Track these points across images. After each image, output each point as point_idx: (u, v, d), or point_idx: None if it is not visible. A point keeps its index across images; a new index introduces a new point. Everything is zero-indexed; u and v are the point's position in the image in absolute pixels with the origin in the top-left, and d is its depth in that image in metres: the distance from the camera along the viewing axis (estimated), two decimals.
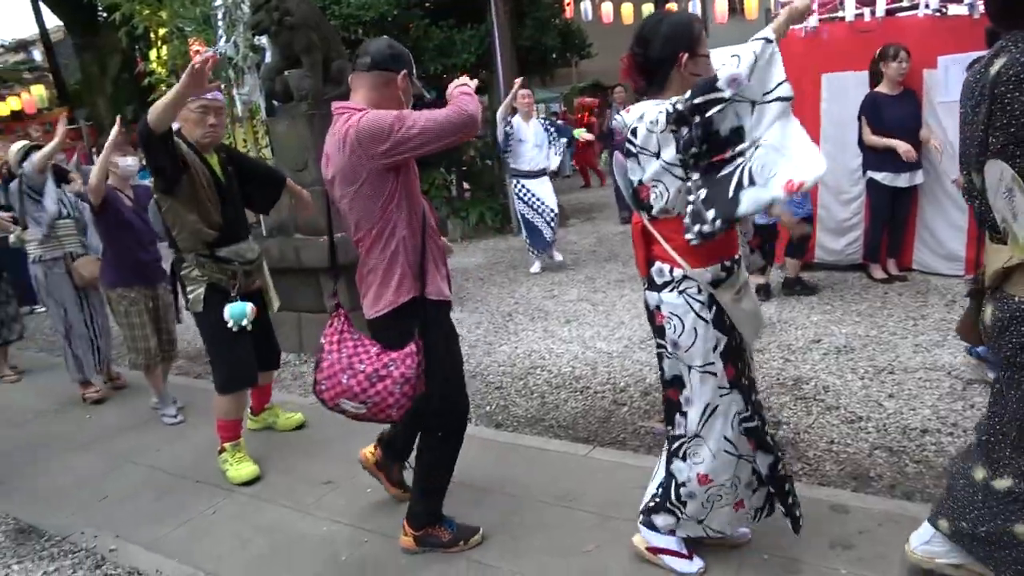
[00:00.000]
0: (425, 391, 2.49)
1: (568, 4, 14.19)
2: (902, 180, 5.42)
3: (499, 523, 2.87)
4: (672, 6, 15.40)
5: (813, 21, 5.90)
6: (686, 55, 2.07)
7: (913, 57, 5.27)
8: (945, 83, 5.29)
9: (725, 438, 2.21)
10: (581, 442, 3.58)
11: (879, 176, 5.45)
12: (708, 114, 1.92)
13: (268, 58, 6.14)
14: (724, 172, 1.94)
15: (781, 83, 1.89)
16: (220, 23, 6.51)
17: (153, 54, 7.98)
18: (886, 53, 5.30)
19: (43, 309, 8.07)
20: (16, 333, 5.87)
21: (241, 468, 3.52)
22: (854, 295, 5.37)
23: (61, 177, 5.26)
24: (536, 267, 7.39)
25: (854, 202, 5.85)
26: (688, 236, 2.00)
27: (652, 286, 2.26)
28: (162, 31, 7.63)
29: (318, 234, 5.14)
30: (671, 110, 1.97)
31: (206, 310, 3.41)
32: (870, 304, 5.12)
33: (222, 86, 4.63)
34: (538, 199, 7.20)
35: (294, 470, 3.60)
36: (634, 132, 2.09)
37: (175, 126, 3.32)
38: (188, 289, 3.43)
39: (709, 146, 1.96)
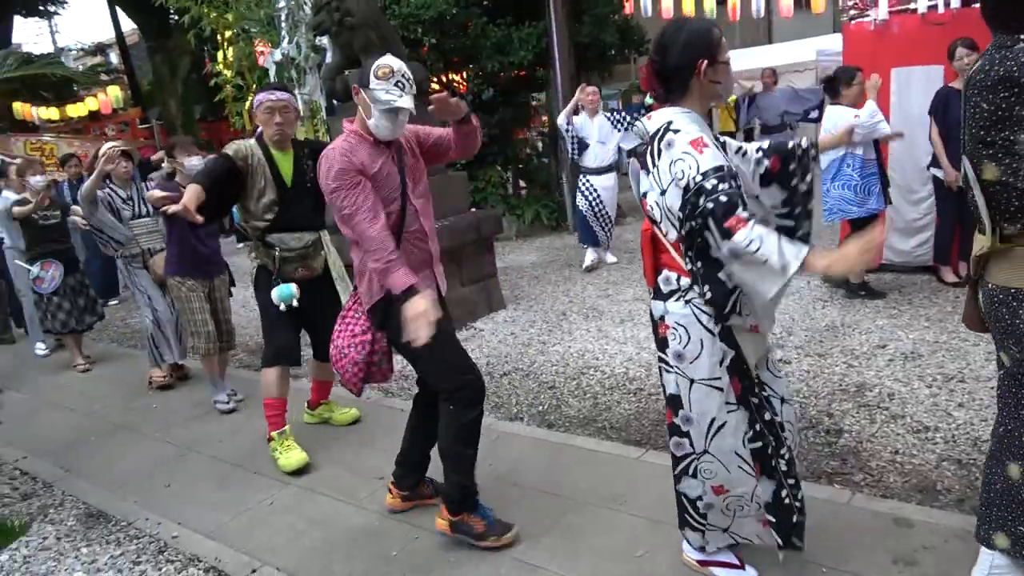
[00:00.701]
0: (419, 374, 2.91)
1: (628, 1, 14.05)
2: None
3: (549, 524, 2.87)
4: (735, 1, 15.11)
5: (883, 13, 5.69)
6: (705, 62, 2.03)
7: None
8: None
9: (737, 454, 2.14)
10: (633, 445, 3.53)
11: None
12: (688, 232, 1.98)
13: (329, 58, 6.26)
14: (721, 274, 1.98)
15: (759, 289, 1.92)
16: (283, 24, 6.67)
17: (220, 56, 8.22)
18: (959, 46, 5.07)
19: (116, 302, 8.45)
20: (85, 324, 6.10)
21: (290, 456, 3.65)
22: (923, 299, 5.17)
23: (147, 171, 5.49)
24: (588, 261, 7.35)
25: (924, 202, 5.63)
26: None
27: (658, 295, 2.19)
28: (228, 33, 7.85)
29: None
30: (695, 181, 1.90)
31: (256, 288, 3.78)
32: (940, 309, 4.91)
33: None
34: (600, 200, 7.20)
35: (348, 464, 3.66)
36: (658, 152, 2.03)
37: (259, 131, 3.69)
38: (251, 266, 3.85)
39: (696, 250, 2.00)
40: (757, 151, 2.26)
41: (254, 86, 7.57)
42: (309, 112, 6.70)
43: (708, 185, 1.87)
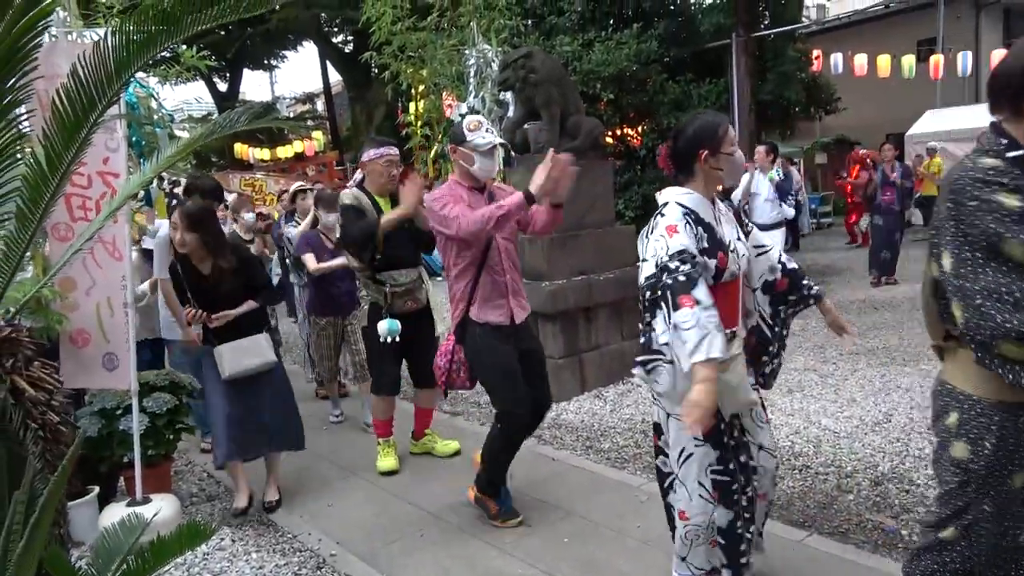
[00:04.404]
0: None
1: (817, 57, 13.57)
2: None
3: None
4: (937, 58, 14.14)
5: None
6: (706, 152, 2.35)
7: None
8: None
9: (699, 483, 2.38)
10: (796, 526, 3.30)
11: None
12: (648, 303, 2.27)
13: (511, 112, 6.56)
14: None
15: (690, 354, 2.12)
16: (471, 80, 7.09)
17: (412, 107, 8.87)
18: None
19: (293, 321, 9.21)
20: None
21: (385, 461, 4.25)
22: None
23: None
24: None
25: None
26: None
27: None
28: (421, 87, 8.46)
29: (537, 279, 5.33)
30: (663, 261, 2.21)
31: (369, 323, 4.11)
32: None
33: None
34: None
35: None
36: (651, 228, 2.35)
37: (358, 177, 4.16)
38: (360, 305, 4.30)
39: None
40: (779, 261, 2.61)
41: (440, 136, 8.08)
42: None
43: (672, 265, 2.18)
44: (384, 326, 3.93)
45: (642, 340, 2.40)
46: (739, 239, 2.48)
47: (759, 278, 2.60)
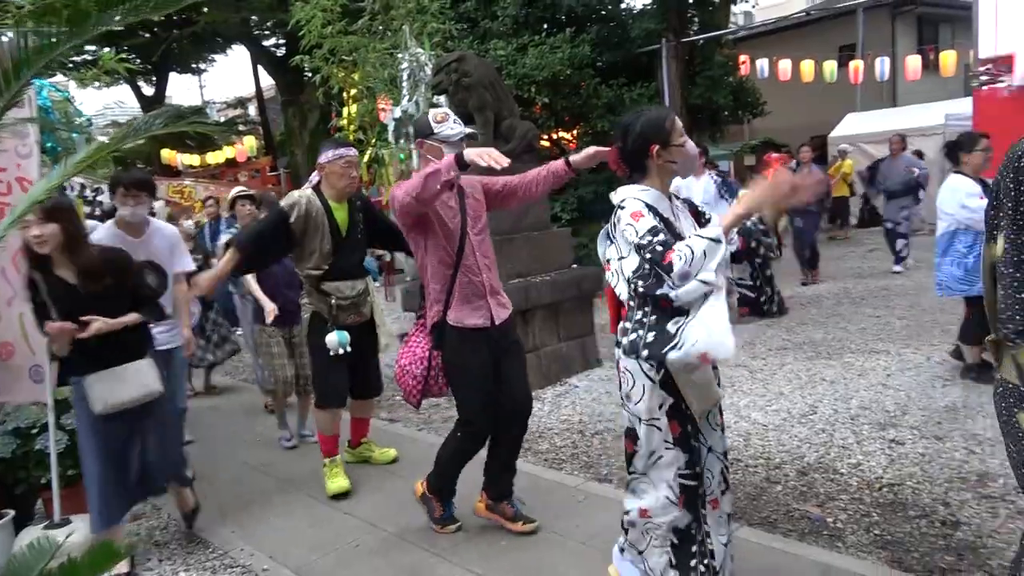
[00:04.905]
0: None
1: (744, 62, 13.99)
2: None
3: None
4: (857, 64, 14.73)
5: (1019, 79, 5.40)
6: (657, 147, 2.35)
7: None
8: None
9: (668, 484, 2.39)
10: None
11: None
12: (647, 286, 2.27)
13: None
14: (670, 329, 2.26)
15: (710, 269, 2.17)
16: (404, 84, 7.05)
17: (345, 112, 8.77)
18: None
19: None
20: (216, 357, 6.47)
21: (334, 481, 4.01)
22: None
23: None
24: None
25: None
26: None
27: (617, 343, 2.48)
28: (354, 91, 8.37)
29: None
30: (636, 242, 2.26)
31: (309, 334, 4.03)
32: None
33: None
34: None
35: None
36: (614, 225, 2.38)
37: (315, 180, 3.96)
38: (301, 313, 4.07)
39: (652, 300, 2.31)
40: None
41: (373, 140, 8.01)
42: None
43: (645, 242, 2.24)
44: (334, 339, 3.82)
45: (619, 334, 2.43)
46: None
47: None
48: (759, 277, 6.98)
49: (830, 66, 14.73)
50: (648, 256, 2.22)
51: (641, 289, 2.29)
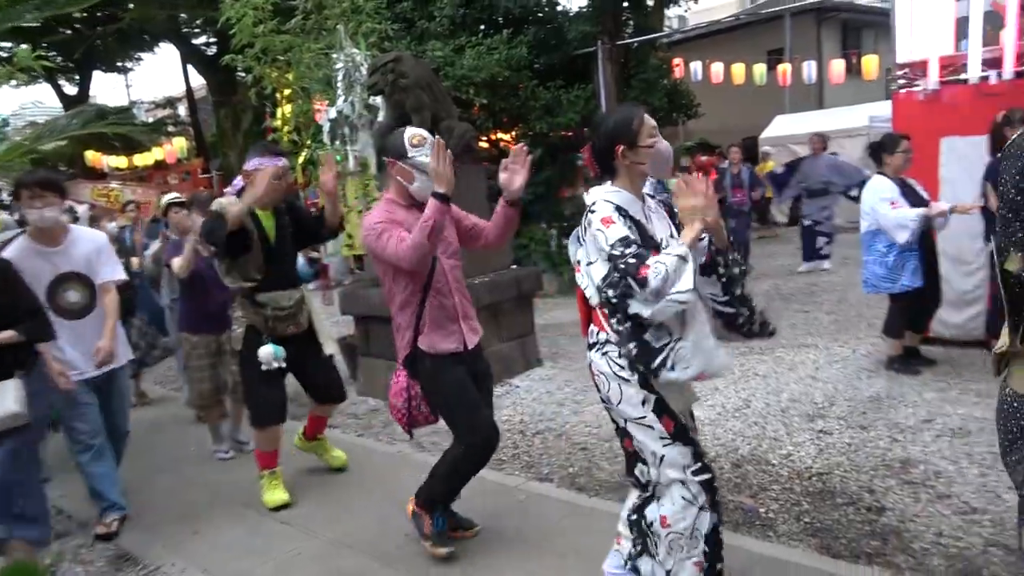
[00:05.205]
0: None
1: (677, 65, 14.27)
2: None
3: None
4: (785, 67, 15.20)
5: (933, 83, 5.66)
6: (622, 147, 2.30)
7: None
8: None
9: (682, 483, 2.31)
10: None
11: None
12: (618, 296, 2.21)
13: (381, 117, 6.48)
14: (650, 340, 2.22)
15: (682, 290, 2.13)
16: (340, 84, 6.93)
17: (279, 112, 8.57)
18: (1013, 117, 4.98)
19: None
20: (146, 360, 6.23)
21: (273, 494, 3.87)
22: (973, 373, 4.98)
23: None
24: None
25: (977, 273, 5.47)
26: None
27: (588, 346, 2.43)
28: (288, 92, 8.19)
29: None
30: (607, 251, 2.21)
31: (244, 348, 3.78)
32: (991, 384, 4.69)
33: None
34: None
35: (373, 518, 3.64)
36: (584, 229, 2.33)
37: (238, 186, 3.84)
38: (233, 327, 3.90)
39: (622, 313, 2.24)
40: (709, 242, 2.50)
41: (308, 142, 7.85)
42: (360, 168, 6.90)
43: (617, 252, 2.18)
44: (268, 351, 3.67)
45: (590, 337, 2.40)
46: (672, 236, 2.39)
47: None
48: (730, 294, 7.03)
49: (760, 69, 15.17)
50: (621, 267, 2.16)
51: (612, 299, 2.22)
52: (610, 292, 2.20)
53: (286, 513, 3.79)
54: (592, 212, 2.29)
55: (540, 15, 11.98)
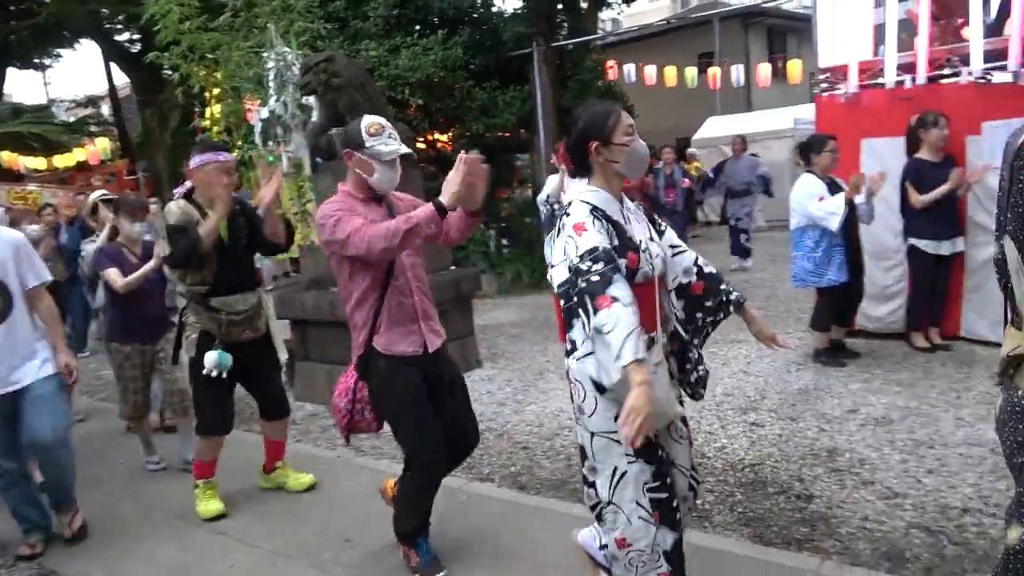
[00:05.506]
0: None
1: (611, 67, 14.47)
2: (944, 247, 5.32)
3: None
4: (715, 70, 15.60)
5: (853, 87, 5.90)
6: (596, 144, 2.18)
7: (954, 124, 5.22)
8: (989, 149, 5.24)
9: (638, 503, 2.18)
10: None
11: (921, 243, 5.36)
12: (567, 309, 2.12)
13: (315, 117, 6.37)
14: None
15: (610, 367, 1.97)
16: (271, 83, 6.80)
17: (208, 112, 8.36)
18: (926, 120, 5.26)
19: (86, 354, 8.34)
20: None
21: (208, 504, 3.74)
22: (894, 364, 5.22)
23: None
24: None
25: (896, 268, 5.73)
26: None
27: (566, 352, 2.30)
28: (216, 91, 8.00)
29: None
30: (574, 263, 2.06)
31: (197, 355, 3.61)
32: (911, 374, 4.96)
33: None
34: None
35: (315, 526, 3.58)
36: (558, 231, 2.19)
37: (186, 187, 3.63)
38: (186, 333, 3.69)
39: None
40: (694, 264, 2.41)
41: (240, 142, 7.67)
42: (293, 169, 6.78)
43: (583, 267, 2.01)
44: (213, 357, 3.50)
45: (567, 342, 2.26)
46: (652, 239, 2.30)
47: (673, 280, 2.39)
48: (695, 334, 6.95)
49: (691, 72, 15.50)
50: (581, 285, 2.00)
51: (563, 307, 2.14)
52: (563, 302, 2.13)
53: (222, 524, 3.69)
54: (567, 215, 2.16)
55: (475, 16, 12.01)
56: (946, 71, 5.75)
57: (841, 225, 4.99)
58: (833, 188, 5.16)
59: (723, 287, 2.41)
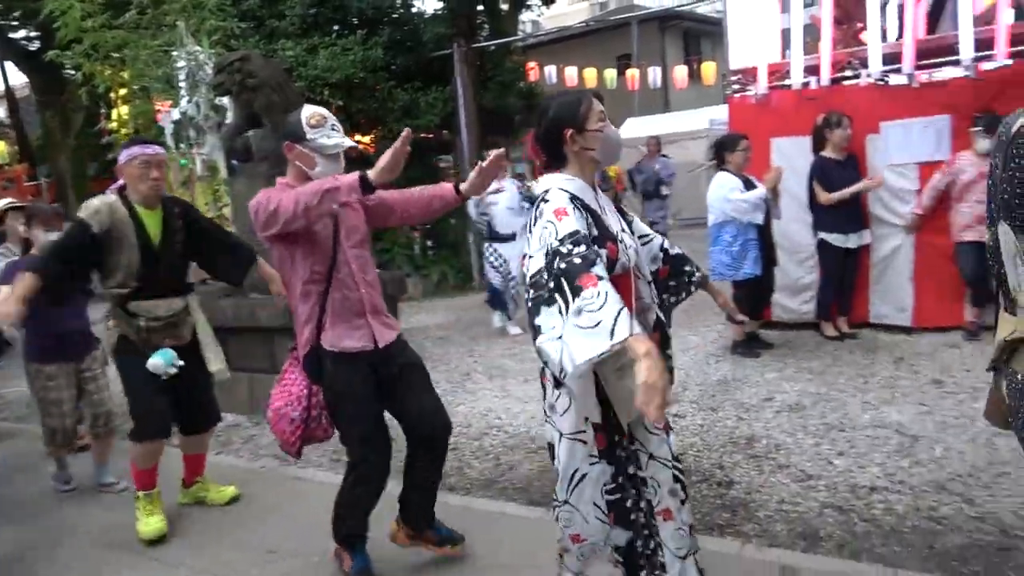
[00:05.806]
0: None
1: (532, 69, 14.61)
2: (851, 241, 5.60)
3: None
4: (633, 72, 15.95)
5: (762, 88, 6.14)
6: (571, 131, 2.13)
7: (856, 123, 5.50)
8: (887, 147, 5.55)
9: (595, 504, 2.16)
10: (535, 505, 3.52)
11: (830, 237, 5.62)
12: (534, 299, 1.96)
13: (229, 118, 6.19)
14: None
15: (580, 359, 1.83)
16: (183, 83, 6.57)
17: (115, 113, 7.99)
18: (830, 120, 5.53)
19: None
20: None
21: (149, 522, 3.49)
22: (806, 353, 5.46)
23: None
24: (496, 321, 7.40)
25: (807, 261, 5.99)
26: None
27: (533, 338, 2.21)
28: (123, 91, 7.67)
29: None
30: (548, 249, 1.94)
31: (117, 358, 3.48)
32: (821, 362, 5.21)
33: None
34: (509, 268, 7.04)
35: (236, 540, 3.48)
36: (535, 219, 2.08)
37: (118, 185, 3.44)
38: (108, 335, 3.52)
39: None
40: (660, 249, 2.46)
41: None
42: (208, 172, 6.57)
43: (564, 249, 1.91)
44: (158, 362, 3.33)
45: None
46: (623, 230, 2.25)
47: (648, 270, 2.36)
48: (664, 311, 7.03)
49: (610, 74, 15.82)
50: (561, 267, 1.89)
51: (529, 300, 1.97)
52: (531, 292, 1.95)
53: (139, 545, 3.51)
54: (545, 202, 2.07)
55: (395, 16, 11.90)
56: (848, 73, 6.05)
57: (760, 219, 5.22)
58: (747, 184, 5.36)
59: (686, 268, 2.46)
